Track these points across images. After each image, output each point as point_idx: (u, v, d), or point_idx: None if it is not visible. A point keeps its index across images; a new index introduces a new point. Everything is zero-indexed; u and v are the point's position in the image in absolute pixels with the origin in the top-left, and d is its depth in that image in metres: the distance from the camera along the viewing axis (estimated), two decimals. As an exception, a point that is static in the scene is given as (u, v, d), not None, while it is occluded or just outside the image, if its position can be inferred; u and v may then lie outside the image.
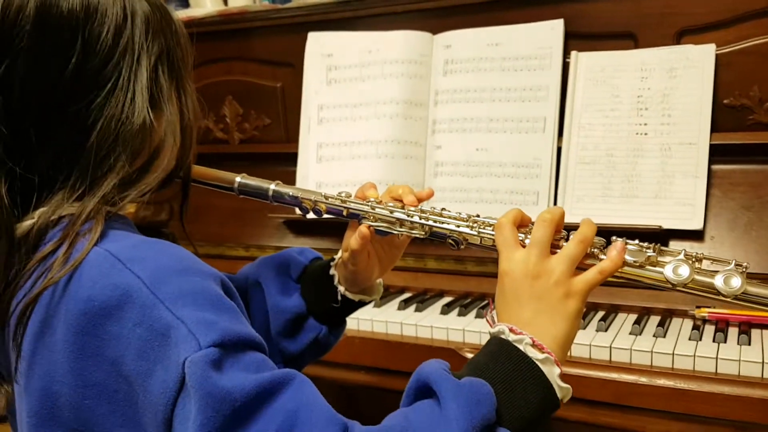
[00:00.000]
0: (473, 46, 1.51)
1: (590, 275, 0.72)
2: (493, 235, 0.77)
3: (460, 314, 1.33)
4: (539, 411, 0.65)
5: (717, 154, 1.31)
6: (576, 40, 1.45)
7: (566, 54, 1.44)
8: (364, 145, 1.55)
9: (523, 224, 0.77)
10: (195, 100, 0.75)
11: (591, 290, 0.72)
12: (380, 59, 1.56)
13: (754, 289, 0.70)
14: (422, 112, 1.54)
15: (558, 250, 0.73)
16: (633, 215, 1.33)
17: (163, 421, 0.58)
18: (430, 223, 0.83)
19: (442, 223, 0.83)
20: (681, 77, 1.35)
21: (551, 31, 1.44)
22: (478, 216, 0.82)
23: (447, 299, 1.44)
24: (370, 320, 1.33)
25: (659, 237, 1.30)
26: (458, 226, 0.82)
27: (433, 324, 1.29)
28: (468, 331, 1.25)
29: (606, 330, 1.21)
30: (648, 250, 0.74)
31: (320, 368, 1.31)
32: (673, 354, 1.10)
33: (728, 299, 0.71)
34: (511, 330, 0.68)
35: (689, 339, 1.15)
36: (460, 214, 0.83)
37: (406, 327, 1.31)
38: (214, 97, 1.82)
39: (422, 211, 0.84)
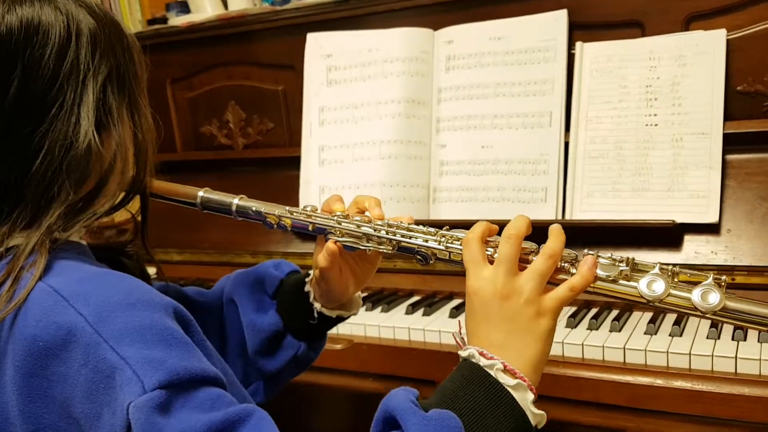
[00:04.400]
0: (475, 40, 1.47)
1: (561, 292, 0.69)
2: (461, 250, 0.74)
3: (469, 317, 1.29)
4: None
5: (731, 143, 1.26)
6: (580, 30, 1.40)
7: (571, 45, 1.39)
8: (367, 147, 1.52)
9: (491, 234, 0.74)
10: (149, 117, 0.71)
11: (562, 307, 0.69)
12: (380, 58, 1.53)
13: (734, 305, 0.67)
14: (425, 110, 1.51)
15: (527, 265, 0.70)
16: (645, 210, 1.29)
17: None
18: (398, 238, 0.80)
19: (410, 237, 0.79)
20: (691, 65, 1.30)
21: (554, 22, 1.40)
22: (447, 229, 0.79)
23: (456, 302, 1.40)
24: (377, 326, 1.30)
25: (673, 232, 1.25)
26: (426, 241, 0.78)
27: (441, 328, 1.25)
28: (477, 334, 1.22)
29: (620, 330, 1.17)
30: (621, 264, 0.71)
31: (327, 376, 1.29)
32: (690, 354, 1.06)
33: (707, 315, 0.67)
34: (481, 354, 0.66)
35: (707, 338, 1.10)
36: (428, 228, 0.80)
37: (414, 332, 1.27)
38: (217, 102, 1.81)
39: (389, 225, 0.81)
